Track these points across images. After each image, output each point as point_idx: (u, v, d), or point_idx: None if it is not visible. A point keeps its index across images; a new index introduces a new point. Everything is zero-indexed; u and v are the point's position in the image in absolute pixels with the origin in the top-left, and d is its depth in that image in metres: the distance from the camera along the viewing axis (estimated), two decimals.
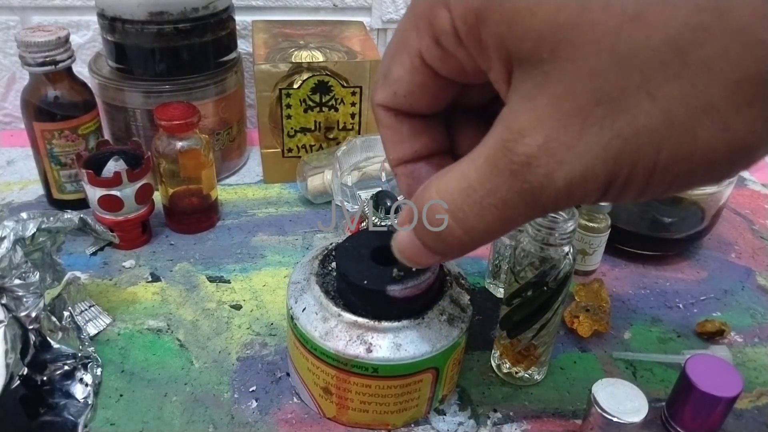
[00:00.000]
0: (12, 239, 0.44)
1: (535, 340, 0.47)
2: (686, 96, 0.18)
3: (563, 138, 0.20)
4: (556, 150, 0.20)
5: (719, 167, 0.19)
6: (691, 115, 0.18)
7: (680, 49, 0.17)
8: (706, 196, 0.60)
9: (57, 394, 0.45)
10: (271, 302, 0.57)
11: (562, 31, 0.19)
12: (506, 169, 0.21)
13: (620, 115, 0.19)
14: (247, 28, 0.82)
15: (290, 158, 0.73)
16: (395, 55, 0.26)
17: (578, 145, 0.20)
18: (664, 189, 0.20)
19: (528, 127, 0.21)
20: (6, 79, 0.83)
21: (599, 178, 0.20)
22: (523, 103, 0.21)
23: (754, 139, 0.18)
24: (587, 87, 0.19)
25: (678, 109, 0.18)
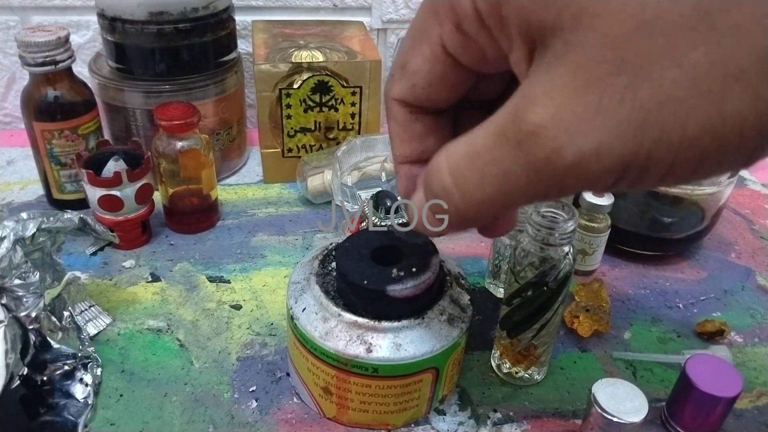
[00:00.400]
0: (12, 239, 0.44)
1: (535, 340, 0.47)
2: (714, 63, 0.17)
3: (577, 108, 0.19)
4: (568, 121, 0.19)
5: (749, 141, 0.18)
6: (719, 83, 0.17)
7: (708, 14, 0.17)
8: (706, 196, 0.60)
9: (57, 394, 0.45)
10: (271, 302, 0.57)
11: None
12: (513, 138, 0.20)
13: (643, 84, 0.18)
14: (247, 28, 0.82)
15: (290, 158, 0.73)
16: (414, 45, 0.25)
17: (594, 118, 0.18)
18: (691, 169, 0.19)
19: (541, 96, 0.19)
20: (6, 79, 0.83)
21: (615, 156, 0.19)
22: (541, 73, 0.20)
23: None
24: (609, 55, 0.18)
25: (706, 76, 0.17)
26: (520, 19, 0.20)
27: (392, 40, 0.86)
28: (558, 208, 0.43)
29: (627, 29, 0.18)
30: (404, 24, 0.85)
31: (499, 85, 0.28)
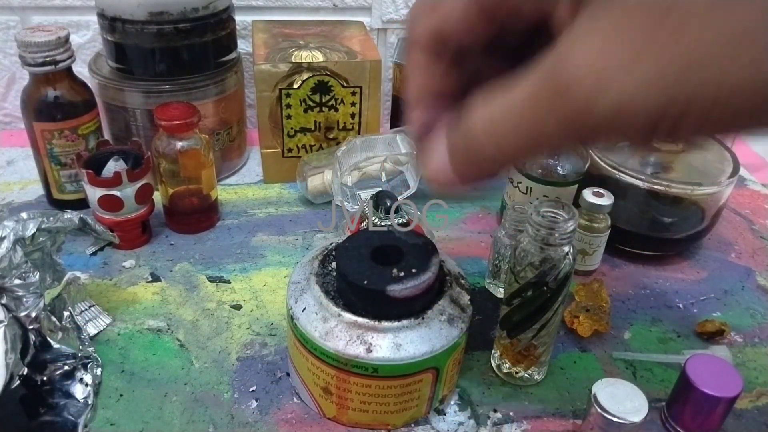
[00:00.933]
0: (12, 239, 0.44)
1: (535, 340, 0.47)
2: (759, 22, 0.17)
3: (619, 55, 0.18)
4: (606, 69, 0.18)
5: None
6: (762, 42, 0.17)
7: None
8: (706, 196, 0.60)
9: (57, 394, 0.45)
10: (271, 302, 0.57)
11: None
12: (551, 87, 0.20)
13: (689, 30, 0.17)
14: (247, 28, 0.82)
15: (290, 158, 0.73)
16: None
17: (632, 65, 0.18)
18: (727, 121, 0.18)
19: (581, 46, 0.19)
20: (6, 79, 0.83)
21: (651, 104, 0.18)
22: (586, 21, 0.19)
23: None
24: (656, 1, 0.18)
25: (750, 32, 0.17)
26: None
27: (392, 40, 0.86)
28: (558, 208, 0.43)
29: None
30: (404, 24, 0.85)
31: (521, 35, 0.27)
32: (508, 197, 0.65)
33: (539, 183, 0.60)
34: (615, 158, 0.61)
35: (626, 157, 0.62)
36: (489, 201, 0.74)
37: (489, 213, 0.72)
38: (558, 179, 0.59)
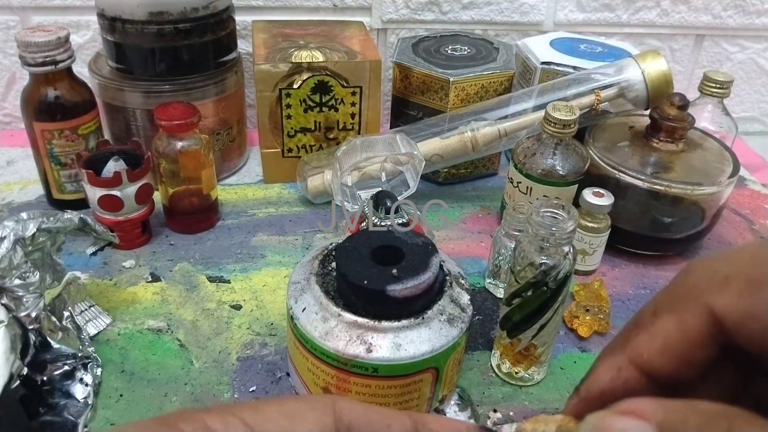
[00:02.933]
0: (12, 239, 0.44)
1: (535, 340, 0.47)
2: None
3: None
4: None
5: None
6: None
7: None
8: (706, 196, 0.60)
9: (57, 394, 0.45)
10: (271, 302, 0.57)
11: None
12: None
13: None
14: (247, 28, 0.82)
15: (290, 158, 0.73)
16: (678, 304, 0.21)
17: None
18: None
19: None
20: (6, 79, 0.83)
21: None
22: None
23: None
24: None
25: None
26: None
27: (392, 40, 0.87)
28: (558, 208, 0.43)
29: None
30: (404, 24, 0.85)
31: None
32: (508, 197, 0.65)
33: (539, 183, 0.60)
34: (615, 158, 0.61)
35: (626, 157, 0.62)
36: (489, 201, 0.74)
37: (489, 213, 0.72)
38: (558, 179, 0.59)
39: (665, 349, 0.21)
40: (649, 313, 0.22)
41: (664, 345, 0.21)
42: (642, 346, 0.21)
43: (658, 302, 0.22)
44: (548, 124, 0.58)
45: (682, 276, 0.21)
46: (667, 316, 0.21)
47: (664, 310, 0.21)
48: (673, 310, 0.21)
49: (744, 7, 0.89)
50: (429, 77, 0.70)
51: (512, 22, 0.87)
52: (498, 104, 0.69)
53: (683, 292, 0.21)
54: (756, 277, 0.19)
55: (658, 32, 0.91)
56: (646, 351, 0.21)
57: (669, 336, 0.20)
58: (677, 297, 0.21)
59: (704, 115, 0.72)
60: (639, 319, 0.22)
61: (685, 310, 0.20)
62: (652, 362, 0.21)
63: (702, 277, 0.21)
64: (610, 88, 0.65)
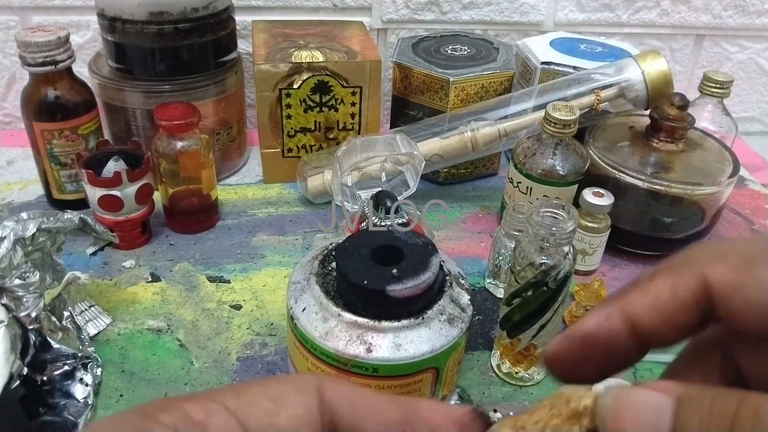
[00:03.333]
0: (12, 239, 0.44)
1: (535, 340, 0.47)
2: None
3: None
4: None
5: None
6: None
7: None
8: (706, 196, 0.60)
9: (57, 394, 0.45)
10: (271, 302, 0.57)
11: None
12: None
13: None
14: (247, 28, 0.82)
15: (290, 158, 0.73)
16: (675, 269, 0.21)
17: None
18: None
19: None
20: (6, 79, 0.83)
21: None
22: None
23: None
24: None
25: None
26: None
27: (392, 40, 0.87)
28: (558, 208, 0.43)
29: None
30: (404, 24, 0.85)
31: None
32: (508, 197, 0.65)
33: (539, 183, 0.60)
34: (615, 158, 0.61)
35: (626, 157, 0.62)
36: (489, 201, 0.74)
37: (489, 213, 0.72)
38: (558, 179, 0.59)
39: (654, 305, 0.21)
40: (647, 275, 0.23)
41: (654, 301, 0.21)
42: (634, 300, 0.22)
43: (658, 268, 0.23)
44: (548, 124, 0.58)
45: (684, 250, 0.22)
46: (663, 277, 0.22)
47: (661, 274, 0.22)
48: (669, 272, 0.22)
49: (744, 7, 0.89)
50: (429, 77, 0.70)
51: (512, 22, 0.87)
52: (498, 104, 0.69)
53: (683, 260, 0.22)
54: (749, 256, 0.20)
55: (658, 32, 0.91)
56: (636, 304, 0.22)
57: (660, 294, 0.21)
58: (676, 264, 0.22)
59: (704, 115, 0.72)
60: (637, 280, 0.23)
61: (680, 274, 0.21)
62: (640, 316, 0.22)
63: (703, 251, 0.22)
64: (610, 88, 0.65)
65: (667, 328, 0.21)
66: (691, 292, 0.21)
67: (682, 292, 0.21)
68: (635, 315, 0.22)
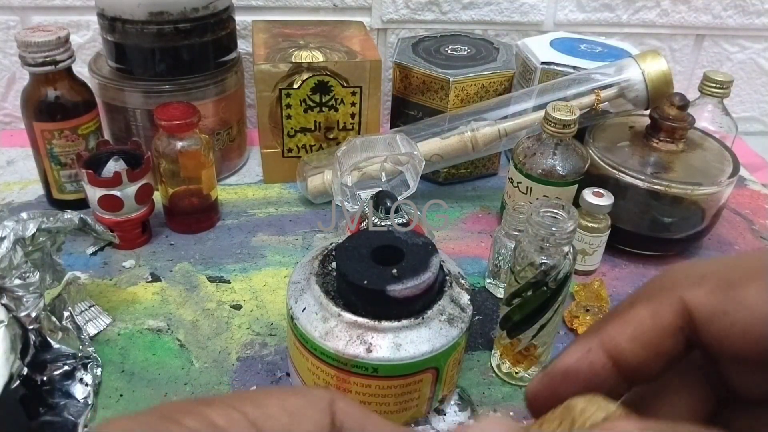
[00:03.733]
0: (12, 239, 0.44)
1: (535, 340, 0.47)
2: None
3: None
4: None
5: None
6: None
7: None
8: (706, 196, 0.60)
9: (57, 394, 0.45)
10: (271, 302, 0.57)
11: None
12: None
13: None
14: (247, 28, 0.82)
15: (290, 158, 0.73)
16: (654, 296, 0.21)
17: None
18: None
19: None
20: (6, 79, 0.83)
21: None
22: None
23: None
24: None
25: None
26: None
27: (392, 40, 0.87)
28: (558, 208, 0.43)
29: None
30: (404, 24, 0.85)
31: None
32: (508, 197, 0.65)
33: (539, 183, 0.60)
34: (615, 158, 0.61)
35: (626, 157, 0.62)
36: (489, 201, 0.74)
37: (489, 213, 0.72)
38: (558, 179, 0.59)
39: (636, 335, 0.21)
40: (626, 303, 0.22)
41: (636, 332, 0.21)
42: (614, 331, 0.22)
43: (636, 295, 0.22)
44: (548, 124, 0.58)
45: (661, 273, 0.22)
46: (642, 305, 0.21)
47: (640, 301, 0.22)
48: (648, 300, 0.21)
49: (744, 7, 0.89)
50: (429, 77, 0.70)
51: (512, 22, 0.87)
52: (498, 104, 0.69)
53: (660, 285, 0.22)
54: (728, 278, 0.20)
55: (658, 32, 0.91)
56: (617, 335, 0.21)
57: (641, 324, 0.21)
58: (654, 290, 0.22)
59: (704, 115, 0.72)
60: (616, 308, 0.23)
61: (660, 301, 0.21)
62: (622, 348, 0.21)
63: (680, 274, 0.21)
64: (610, 88, 0.65)
65: (651, 358, 0.21)
66: (672, 319, 0.20)
67: (663, 320, 0.20)
68: (617, 346, 0.21)
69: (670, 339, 0.21)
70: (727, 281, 0.20)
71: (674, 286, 0.21)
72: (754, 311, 0.19)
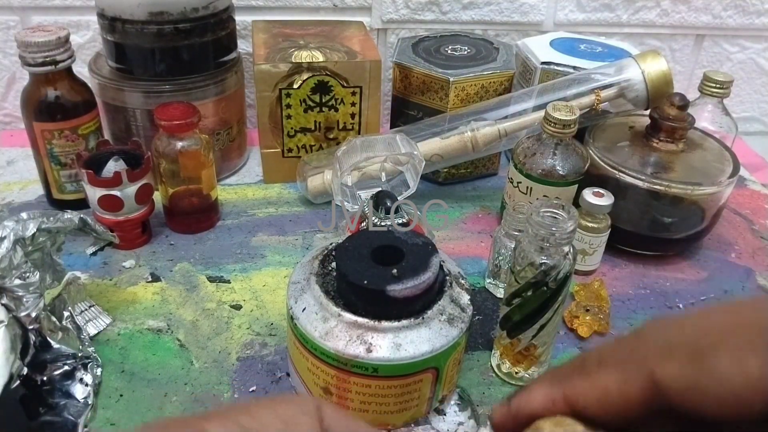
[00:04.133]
0: (12, 239, 0.44)
1: (535, 340, 0.47)
2: None
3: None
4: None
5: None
6: None
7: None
8: (706, 196, 0.60)
9: (57, 394, 0.45)
10: (271, 302, 0.57)
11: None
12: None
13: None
14: (247, 28, 0.82)
15: (290, 158, 0.73)
16: (623, 363, 0.21)
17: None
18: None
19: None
20: (6, 79, 0.83)
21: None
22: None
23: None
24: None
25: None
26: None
27: (392, 40, 0.87)
28: (558, 208, 0.43)
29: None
30: (404, 24, 0.85)
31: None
32: (508, 197, 0.65)
33: (539, 183, 0.60)
34: (615, 158, 0.61)
35: (626, 157, 0.62)
36: (489, 201, 0.74)
37: (489, 213, 0.72)
38: (558, 179, 0.59)
39: (602, 400, 0.21)
40: (594, 360, 0.22)
41: (602, 397, 0.21)
42: (580, 391, 0.22)
43: (605, 353, 0.22)
44: (548, 124, 0.58)
45: (633, 335, 0.22)
46: (610, 369, 0.22)
47: (609, 363, 0.22)
48: (617, 366, 0.21)
49: (744, 7, 0.89)
50: (429, 77, 0.70)
51: (512, 22, 0.87)
52: (498, 104, 0.69)
53: (630, 350, 0.22)
54: (699, 348, 0.20)
55: (658, 32, 0.91)
56: (583, 397, 0.22)
57: (608, 390, 0.21)
58: (623, 354, 0.22)
59: (704, 115, 0.72)
60: (583, 362, 0.23)
61: (628, 371, 0.21)
62: (588, 409, 0.22)
63: (650, 341, 0.21)
64: (610, 88, 0.65)
65: (616, 421, 0.21)
66: (640, 392, 0.21)
67: (631, 392, 0.21)
68: (582, 406, 0.22)
69: (636, 408, 0.21)
70: (697, 351, 0.20)
71: (643, 355, 0.21)
72: (727, 382, 0.19)
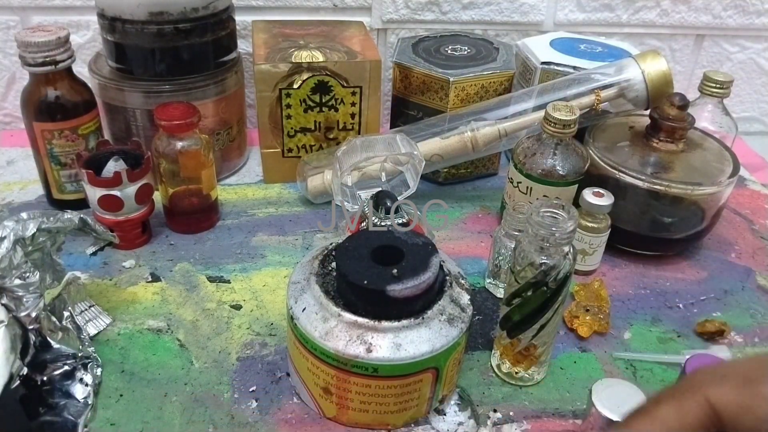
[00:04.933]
0: (12, 239, 0.44)
1: (535, 340, 0.47)
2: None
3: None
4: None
5: None
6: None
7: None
8: (706, 196, 0.60)
9: (57, 394, 0.45)
10: (271, 302, 0.57)
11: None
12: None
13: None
14: (247, 28, 0.82)
15: (290, 158, 0.73)
16: (679, 395, 0.23)
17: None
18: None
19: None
20: (6, 79, 0.83)
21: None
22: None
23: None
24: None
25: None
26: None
27: (392, 40, 0.87)
28: (558, 208, 0.43)
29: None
30: (404, 24, 0.85)
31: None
32: (508, 197, 0.65)
33: (539, 183, 0.60)
34: (615, 158, 0.61)
35: (626, 157, 0.62)
36: (489, 201, 0.74)
37: (489, 213, 0.72)
38: (558, 179, 0.59)
39: (663, 430, 0.23)
40: (651, 401, 0.24)
41: (662, 427, 0.23)
42: (643, 428, 0.23)
43: (661, 394, 0.24)
44: (548, 124, 0.58)
45: (686, 376, 0.25)
46: (668, 403, 0.23)
47: (665, 399, 0.23)
48: (673, 398, 0.23)
49: (744, 7, 0.89)
50: (429, 77, 0.70)
51: (512, 22, 0.87)
52: (498, 104, 0.69)
53: (684, 386, 0.23)
54: (751, 375, 0.22)
55: (658, 32, 0.91)
56: (645, 431, 0.23)
57: (668, 421, 0.23)
58: (678, 390, 0.23)
59: (704, 115, 0.72)
60: (642, 405, 0.24)
61: (684, 400, 0.23)
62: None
63: (703, 375, 0.23)
64: (610, 88, 0.65)
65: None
66: (698, 417, 0.22)
67: (689, 418, 0.22)
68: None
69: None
70: (748, 378, 0.21)
71: (699, 385, 0.22)
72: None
